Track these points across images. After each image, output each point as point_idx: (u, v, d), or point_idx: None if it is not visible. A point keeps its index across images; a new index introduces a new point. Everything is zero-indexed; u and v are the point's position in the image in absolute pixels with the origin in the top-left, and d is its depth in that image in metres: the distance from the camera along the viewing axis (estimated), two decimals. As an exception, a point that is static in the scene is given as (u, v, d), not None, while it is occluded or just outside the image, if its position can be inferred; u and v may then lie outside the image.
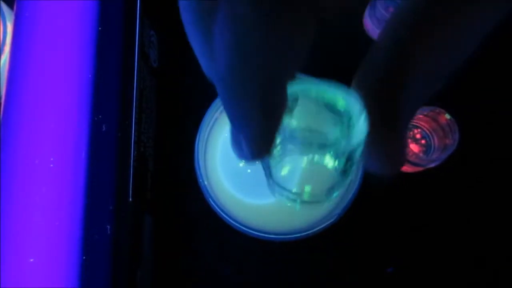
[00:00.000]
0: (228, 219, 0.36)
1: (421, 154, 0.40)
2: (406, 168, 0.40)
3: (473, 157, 0.42)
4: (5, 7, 0.38)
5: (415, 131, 0.42)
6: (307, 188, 0.24)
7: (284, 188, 0.24)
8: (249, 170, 0.38)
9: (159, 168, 0.41)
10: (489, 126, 0.43)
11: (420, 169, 0.40)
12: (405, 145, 0.17)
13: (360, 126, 0.19)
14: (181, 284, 0.42)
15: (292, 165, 0.23)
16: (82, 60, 0.31)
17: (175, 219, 0.43)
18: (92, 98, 0.32)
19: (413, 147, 0.41)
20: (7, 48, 0.38)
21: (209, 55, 0.16)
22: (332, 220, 0.36)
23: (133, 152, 0.35)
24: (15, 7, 0.33)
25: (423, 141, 0.42)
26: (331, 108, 0.21)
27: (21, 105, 0.29)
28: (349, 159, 0.22)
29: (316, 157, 0.22)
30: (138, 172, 0.36)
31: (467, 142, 0.38)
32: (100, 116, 0.32)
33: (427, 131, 0.41)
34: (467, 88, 0.43)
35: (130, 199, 0.34)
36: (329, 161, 0.22)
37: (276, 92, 0.16)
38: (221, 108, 0.39)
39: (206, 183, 0.37)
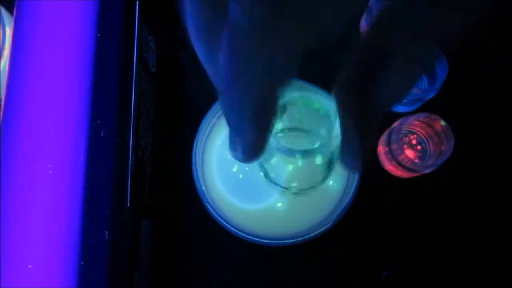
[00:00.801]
0: (225, 223, 0.36)
1: (416, 160, 0.41)
2: (402, 174, 0.41)
3: (468, 163, 0.42)
4: (4, 12, 0.38)
5: (411, 136, 0.42)
6: (294, 184, 0.28)
7: (275, 183, 0.28)
8: (241, 175, 0.39)
9: (157, 173, 0.42)
10: (484, 132, 0.43)
11: (415, 174, 0.40)
12: (375, 145, 0.19)
13: (336, 129, 0.21)
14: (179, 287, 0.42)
15: (281, 164, 0.26)
16: (80, 66, 0.31)
17: (173, 224, 0.43)
18: (90, 104, 0.32)
19: (409, 153, 0.41)
20: (6, 53, 0.38)
21: (213, 65, 0.17)
22: (328, 225, 0.37)
23: (131, 157, 0.35)
24: (14, 12, 0.33)
25: (418, 147, 0.42)
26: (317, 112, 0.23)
27: (20, 111, 0.29)
28: (333, 154, 0.24)
29: (303, 161, 0.25)
30: (136, 177, 0.36)
31: (462, 148, 0.39)
32: (98, 122, 0.32)
33: (423, 137, 0.42)
34: (462, 94, 0.43)
35: (128, 204, 0.34)
36: (319, 159, 0.24)
37: (268, 103, 0.17)
38: (219, 113, 0.40)
39: (203, 188, 0.37)
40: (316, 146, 0.24)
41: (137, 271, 0.37)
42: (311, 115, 0.25)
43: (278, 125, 0.25)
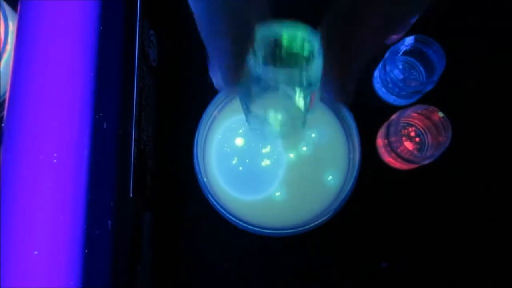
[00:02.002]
0: (225, 213, 0.37)
1: (415, 152, 0.41)
2: (401, 165, 0.41)
3: (466, 154, 0.43)
4: (7, 8, 0.38)
5: (409, 129, 0.43)
6: (279, 117, 0.28)
7: (259, 120, 0.28)
8: (240, 168, 0.39)
9: (158, 166, 0.42)
10: (481, 123, 0.44)
11: (414, 166, 0.41)
12: (355, 79, 0.22)
13: (319, 62, 0.23)
14: (180, 280, 0.43)
15: (265, 102, 0.26)
16: (84, 59, 0.31)
17: (174, 217, 0.44)
18: (93, 96, 0.32)
19: (408, 144, 0.41)
20: (9, 47, 0.38)
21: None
22: (327, 216, 0.37)
23: (134, 149, 0.36)
24: (18, 8, 0.34)
25: (417, 139, 0.42)
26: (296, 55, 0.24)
27: (25, 103, 0.30)
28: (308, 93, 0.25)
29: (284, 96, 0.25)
30: (138, 169, 0.36)
31: (460, 140, 0.39)
32: (101, 114, 0.33)
33: (421, 129, 0.42)
34: (460, 86, 0.44)
35: (131, 195, 0.35)
36: (299, 99, 0.25)
37: (243, 26, 0.20)
38: (220, 106, 0.40)
39: (205, 179, 0.37)
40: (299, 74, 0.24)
41: (140, 263, 0.38)
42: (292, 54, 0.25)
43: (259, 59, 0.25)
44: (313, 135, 0.40)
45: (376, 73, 0.43)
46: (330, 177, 0.40)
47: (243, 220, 0.36)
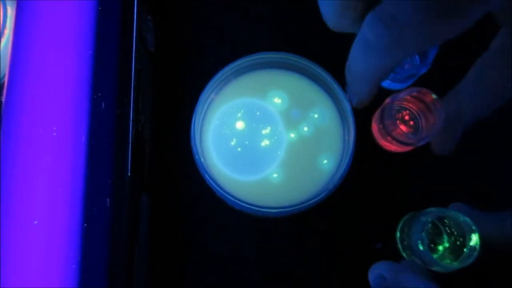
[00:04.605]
0: (223, 193, 0.37)
1: (410, 134, 0.42)
2: (396, 148, 0.42)
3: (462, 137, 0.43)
4: (6, -7, 0.39)
5: (404, 112, 0.43)
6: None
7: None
8: (239, 149, 0.39)
9: (156, 150, 0.43)
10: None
11: (409, 148, 0.41)
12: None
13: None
14: (176, 261, 0.43)
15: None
16: (82, 38, 0.32)
17: (171, 199, 0.44)
18: (91, 76, 0.33)
19: (402, 128, 0.42)
20: (7, 31, 0.39)
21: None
22: (321, 196, 0.37)
23: (131, 130, 0.36)
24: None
25: (411, 123, 0.43)
26: None
27: (25, 81, 0.30)
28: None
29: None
30: (136, 149, 0.37)
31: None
32: (99, 94, 0.33)
33: (415, 113, 0.43)
34: (453, 70, 0.44)
35: (129, 174, 0.35)
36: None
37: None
38: (217, 89, 0.41)
39: (202, 159, 0.38)
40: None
41: (137, 244, 0.38)
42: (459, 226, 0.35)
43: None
44: (316, 115, 0.40)
45: (371, 58, 0.44)
46: (326, 160, 0.40)
47: (240, 200, 0.37)
